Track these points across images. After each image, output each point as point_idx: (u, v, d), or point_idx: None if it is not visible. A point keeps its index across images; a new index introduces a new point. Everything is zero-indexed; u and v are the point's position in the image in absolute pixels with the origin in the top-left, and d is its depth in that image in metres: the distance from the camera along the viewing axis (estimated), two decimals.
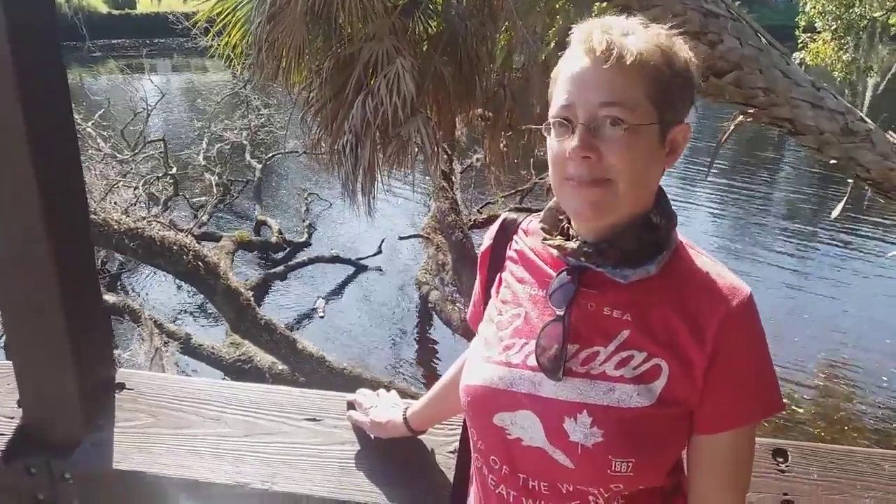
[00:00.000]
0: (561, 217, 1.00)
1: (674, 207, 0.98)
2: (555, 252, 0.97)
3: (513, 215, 1.11)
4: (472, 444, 1.04)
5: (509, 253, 1.06)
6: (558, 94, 0.93)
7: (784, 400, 0.96)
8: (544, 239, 0.98)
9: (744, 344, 0.91)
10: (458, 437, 1.20)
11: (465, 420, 1.10)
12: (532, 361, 0.94)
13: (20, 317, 1.20)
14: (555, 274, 0.97)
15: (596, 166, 0.89)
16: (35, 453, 1.22)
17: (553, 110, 0.93)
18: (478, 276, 1.13)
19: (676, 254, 0.94)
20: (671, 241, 0.94)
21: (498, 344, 0.99)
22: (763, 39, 3.78)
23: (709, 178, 12.39)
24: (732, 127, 4.00)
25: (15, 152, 1.06)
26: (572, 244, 0.94)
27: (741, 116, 3.91)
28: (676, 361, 0.89)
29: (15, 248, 1.13)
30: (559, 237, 0.98)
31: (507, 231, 1.08)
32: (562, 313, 0.93)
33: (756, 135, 13.55)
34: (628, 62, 0.87)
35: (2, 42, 0.99)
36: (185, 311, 8.72)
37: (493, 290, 1.06)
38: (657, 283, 0.92)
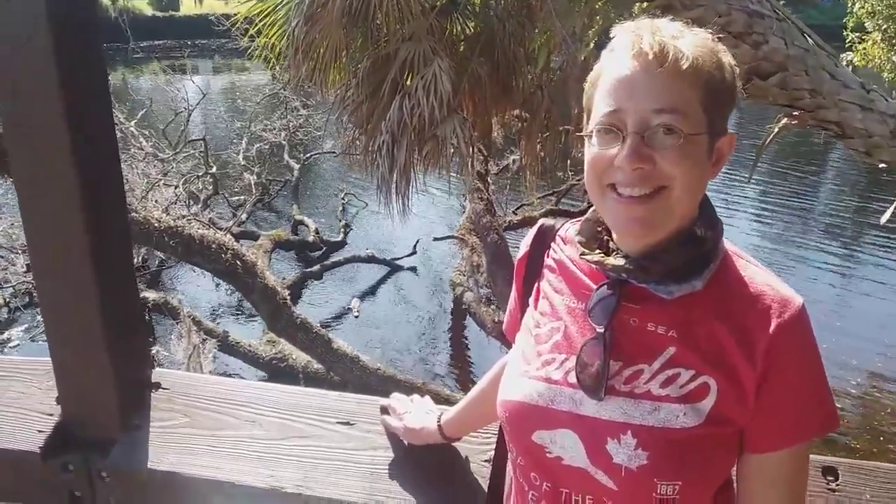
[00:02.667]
0: (600, 229, 0.95)
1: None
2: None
3: (550, 221, 1.06)
4: (510, 458, 1.00)
5: (547, 262, 1.02)
6: (602, 99, 0.87)
7: None
8: (582, 254, 0.93)
9: (797, 359, 0.86)
10: (493, 446, 1.17)
11: (500, 428, 1.08)
12: (573, 378, 0.90)
13: (58, 314, 1.21)
14: (594, 287, 0.92)
15: (649, 176, 0.83)
16: (73, 451, 1.23)
17: (597, 117, 0.87)
18: (514, 285, 1.09)
19: (723, 264, 0.89)
20: (717, 253, 0.89)
21: (536, 358, 0.95)
22: (810, 40, 3.68)
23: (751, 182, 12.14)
24: (777, 129, 3.91)
25: (56, 149, 1.07)
26: (613, 260, 0.90)
27: (786, 119, 3.82)
28: (725, 379, 0.85)
29: (53, 245, 1.14)
30: (599, 251, 0.93)
31: (545, 238, 1.04)
32: (602, 331, 0.89)
33: (800, 139, 13.27)
34: (684, 67, 0.81)
35: (45, 41, 1.00)
36: (223, 309, 8.84)
37: (530, 300, 1.02)
38: (703, 296, 0.87)
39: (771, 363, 0.84)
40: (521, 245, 1.08)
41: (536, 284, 1.03)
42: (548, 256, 1.02)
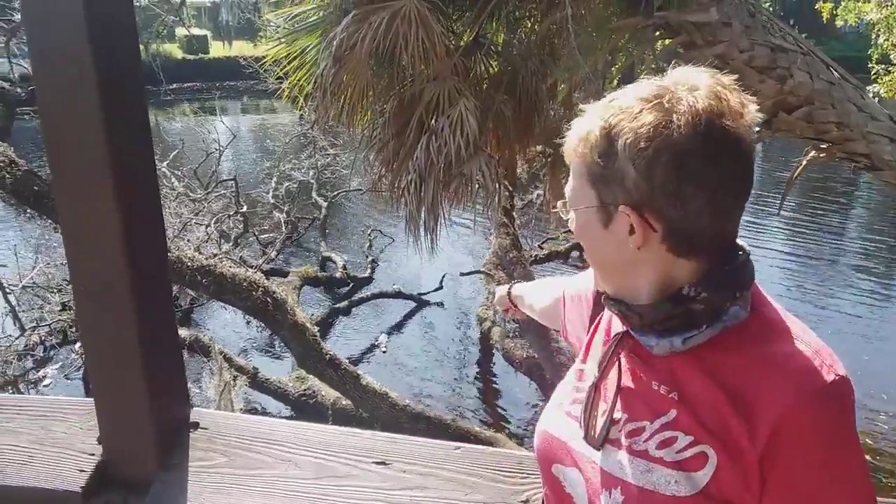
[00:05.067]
0: None
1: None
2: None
3: None
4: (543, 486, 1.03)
5: None
6: None
7: None
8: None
9: (810, 445, 0.76)
10: (529, 486, 1.18)
11: None
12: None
13: (100, 354, 1.24)
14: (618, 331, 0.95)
15: None
16: (113, 490, 1.25)
17: None
18: (587, 306, 1.12)
19: (745, 328, 0.83)
20: (716, 317, 0.83)
21: (572, 394, 0.98)
22: (835, 73, 3.68)
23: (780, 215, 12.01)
24: (804, 163, 3.89)
25: (100, 193, 1.10)
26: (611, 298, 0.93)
27: (813, 152, 3.80)
28: (725, 453, 0.78)
29: (97, 286, 1.18)
30: None
31: None
32: (593, 381, 0.91)
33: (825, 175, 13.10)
34: (564, 153, 0.91)
35: (91, 88, 1.04)
36: (254, 346, 8.90)
37: (591, 330, 1.05)
38: (714, 360, 0.82)
39: (778, 446, 0.76)
40: None
41: (599, 317, 1.05)
42: None
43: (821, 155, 3.79)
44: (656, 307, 0.84)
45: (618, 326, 0.95)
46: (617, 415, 0.88)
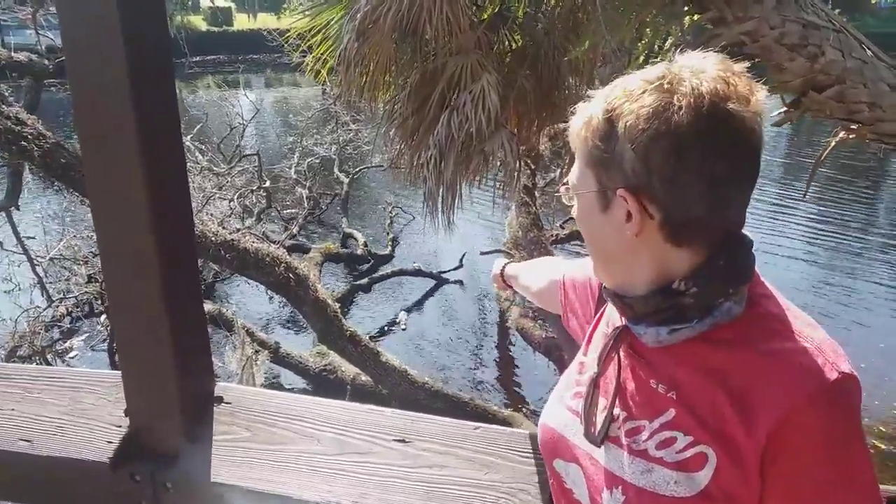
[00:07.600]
0: None
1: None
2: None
3: None
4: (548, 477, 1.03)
5: None
6: None
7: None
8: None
9: (812, 446, 0.74)
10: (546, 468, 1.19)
11: None
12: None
13: (129, 327, 1.25)
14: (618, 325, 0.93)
15: None
16: (139, 461, 1.28)
17: None
18: (593, 295, 1.11)
19: (745, 324, 0.81)
20: (707, 313, 0.81)
21: (573, 387, 0.97)
22: (868, 51, 3.59)
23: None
24: (833, 144, 3.81)
25: (128, 165, 1.11)
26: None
27: (843, 132, 3.73)
28: (726, 452, 0.77)
29: (125, 260, 1.19)
30: None
31: None
32: (594, 374, 0.91)
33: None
34: (569, 138, 0.90)
35: (120, 61, 1.04)
36: (275, 321, 8.99)
37: (594, 320, 1.04)
38: (713, 359, 0.81)
39: (779, 445, 0.74)
40: None
41: (603, 308, 1.03)
42: None
43: (850, 136, 3.72)
44: (647, 299, 0.84)
45: (618, 320, 0.93)
46: (616, 412, 0.87)
